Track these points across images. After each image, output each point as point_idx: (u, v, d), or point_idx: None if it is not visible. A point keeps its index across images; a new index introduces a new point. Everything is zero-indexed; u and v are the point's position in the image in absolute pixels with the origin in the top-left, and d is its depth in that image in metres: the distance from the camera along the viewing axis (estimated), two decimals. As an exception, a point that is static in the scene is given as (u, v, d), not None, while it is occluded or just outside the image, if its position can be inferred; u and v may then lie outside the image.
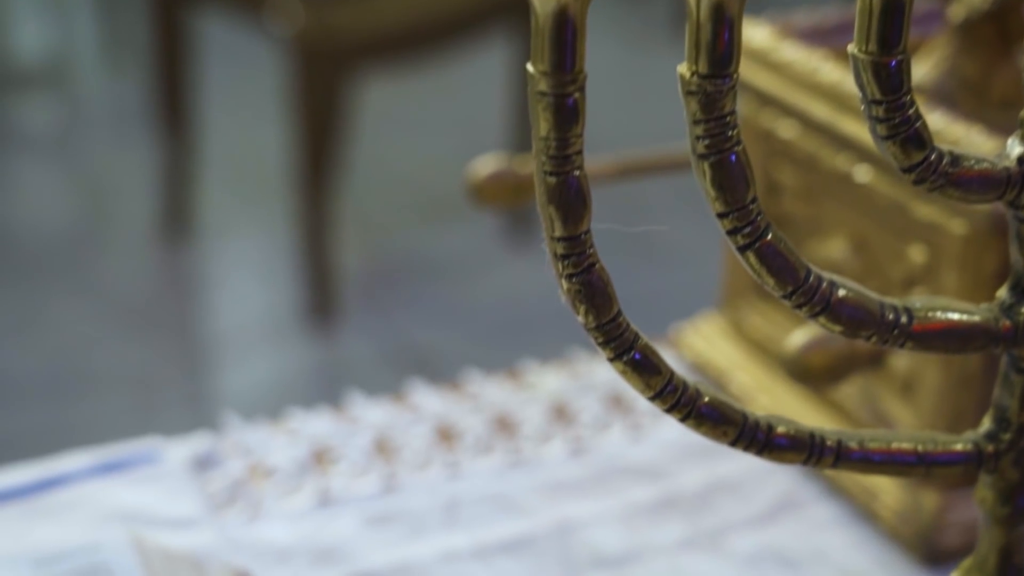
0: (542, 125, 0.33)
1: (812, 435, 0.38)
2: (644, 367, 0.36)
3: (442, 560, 0.55)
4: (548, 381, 0.66)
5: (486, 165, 0.60)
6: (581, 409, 0.64)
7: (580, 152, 0.34)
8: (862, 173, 0.56)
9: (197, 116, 2.11)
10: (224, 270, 2.08)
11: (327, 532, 0.56)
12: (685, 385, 0.37)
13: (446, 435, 0.62)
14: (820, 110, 0.57)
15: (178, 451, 0.60)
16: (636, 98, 2.38)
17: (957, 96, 0.55)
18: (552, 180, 0.34)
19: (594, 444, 0.62)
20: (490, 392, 0.65)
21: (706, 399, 0.37)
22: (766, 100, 0.60)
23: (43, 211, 2.22)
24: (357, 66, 1.85)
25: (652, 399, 0.36)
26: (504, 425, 0.63)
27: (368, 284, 2.04)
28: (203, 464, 0.60)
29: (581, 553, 0.55)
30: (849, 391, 0.58)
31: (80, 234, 2.14)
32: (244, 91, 2.49)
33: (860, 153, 0.56)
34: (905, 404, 0.56)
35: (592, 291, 0.35)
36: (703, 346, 0.66)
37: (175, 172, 2.10)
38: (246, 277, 2.06)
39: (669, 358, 0.67)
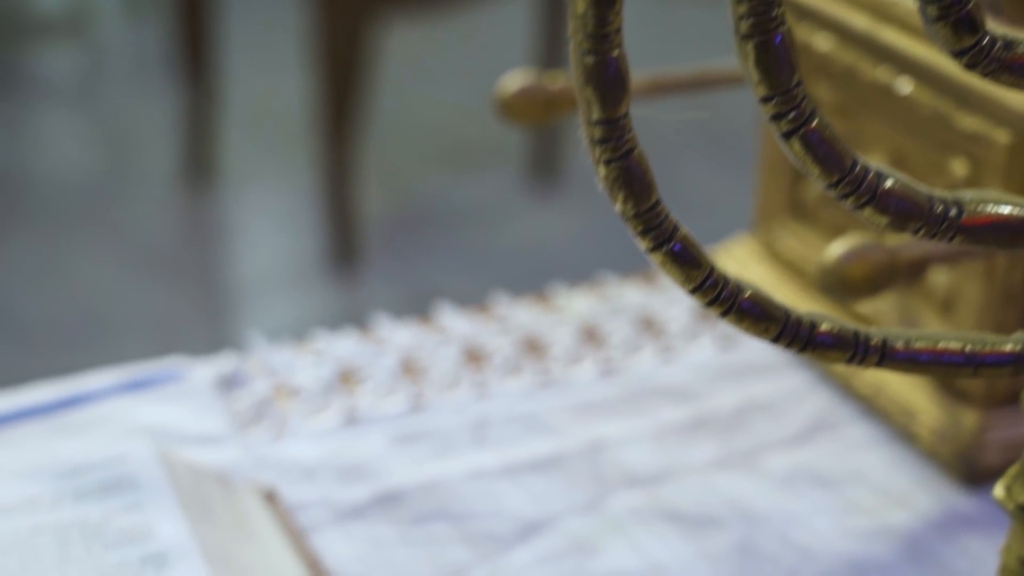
0: (579, 2, 0.32)
1: (856, 333, 0.37)
2: (684, 259, 0.35)
3: (471, 478, 0.54)
4: (577, 304, 0.65)
5: (515, 80, 0.59)
6: (611, 331, 0.63)
7: (619, 31, 0.32)
8: (903, 85, 0.54)
9: (219, 63, 2.10)
10: (247, 217, 2.07)
11: (354, 450, 0.55)
12: (726, 279, 0.36)
13: (474, 356, 0.61)
14: (859, 21, 0.55)
15: (203, 371, 0.59)
16: (662, 56, 2.35)
17: (1004, 4, 0.54)
18: (590, 60, 0.33)
19: (625, 366, 0.61)
20: (518, 315, 0.64)
21: (747, 294, 0.36)
22: (803, 14, 0.59)
23: (66, 159, 2.22)
24: (380, 12, 1.83)
25: (692, 292, 0.35)
26: (533, 347, 0.62)
27: (391, 231, 2.03)
28: (228, 383, 0.59)
29: (612, 472, 0.55)
30: (886, 310, 0.57)
31: (103, 181, 2.13)
32: (266, 37, 2.47)
33: (901, 64, 0.54)
34: (944, 321, 0.54)
35: (631, 177, 0.34)
36: (735, 269, 0.65)
37: (197, 119, 2.09)
38: (269, 224, 2.06)
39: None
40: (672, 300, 0.65)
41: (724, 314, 0.36)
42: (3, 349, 1.73)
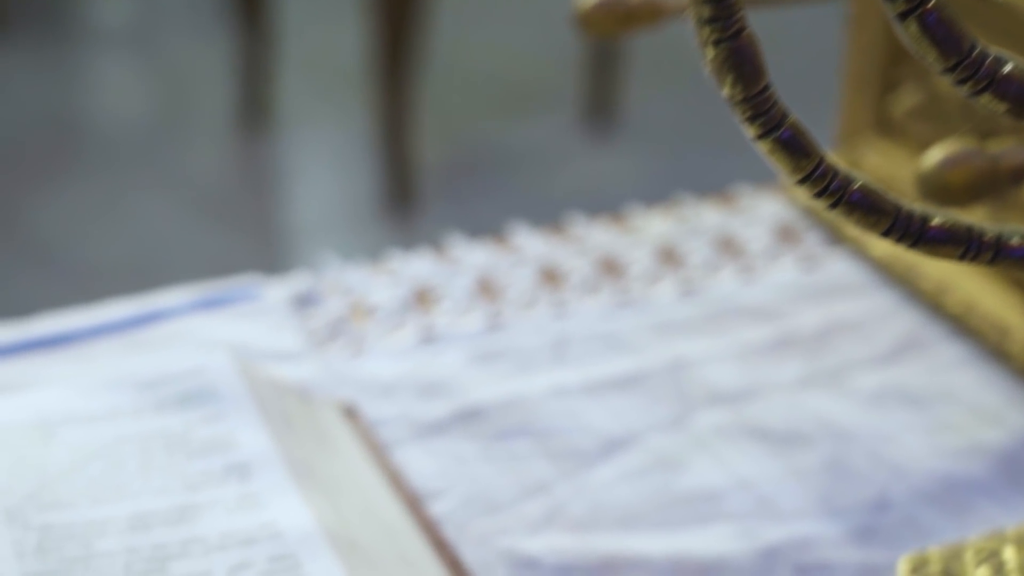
0: None
1: (970, 228, 0.35)
2: (793, 146, 0.33)
3: (552, 395, 0.53)
4: (654, 225, 0.64)
5: (594, -7, 0.58)
6: (690, 252, 0.62)
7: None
8: (999, -9, 0.52)
9: (274, 6, 2.09)
10: (302, 161, 2.06)
11: (432, 368, 0.55)
12: (836, 170, 0.34)
13: (551, 276, 0.60)
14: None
15: (277, 290, 0.59)
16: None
17: None
18: (700, -65, 0.31)
19: (705, 286, 0.60)
20: (595, 235, 0.63)
21: (858, 185, 0.34)
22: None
23: (122, 103, 2.22)
24: (436, -49, 1.81)
25: (800, 182, 0.34)
26: (610, 267, 0.61)
27: (447, 175, 2.02)
28: (303, 302, 0.58)
29: (696, 389, 0.53)
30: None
31: (159, 125, 2.13)
32: (320, -19, 2.46)
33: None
34: (1041, 236, 0.53)
35: (740, 59, 0.32)
36: (817, 189, 0.63)
37: (253, 63, 2.08)
38: (324, 168, 2.05)
39: (778, 205, 0.64)
40: (752, 220, 0.63)
41: (833, 206, 0.35)
42: (60, 290, 1.73)
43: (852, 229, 0.61)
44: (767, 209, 0.64)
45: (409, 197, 1.92)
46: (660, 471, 0.50)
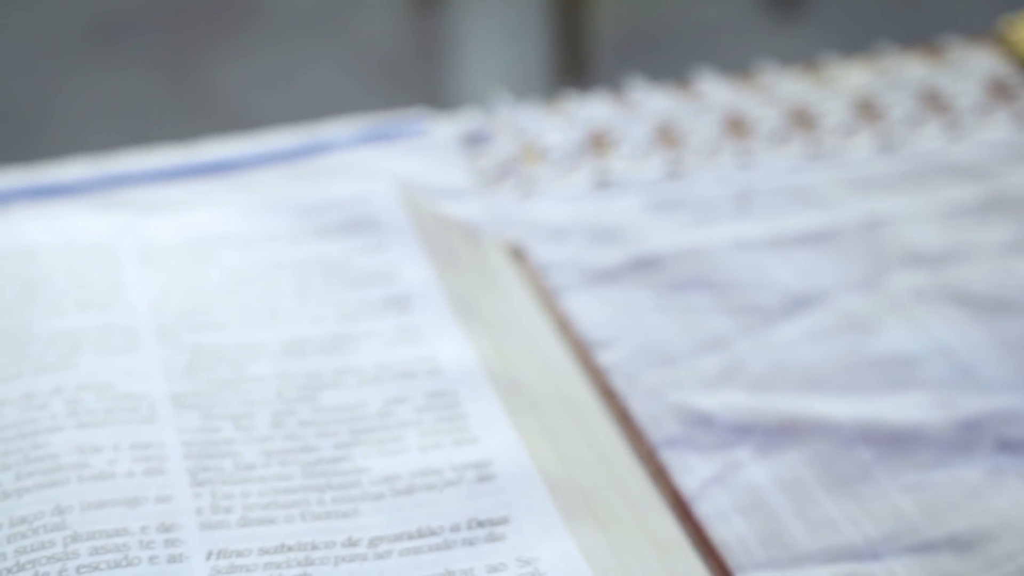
0: None
1: None
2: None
3: (733, 247, 0.49)
4: (852, 76, 0.59)
5: None
6: (890, 105, 0.57)
7: None
8: None
9: None
10: (477, 32, 2.03)
11: (606, 214, 0.51)
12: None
13: (736, 125, 0.56)
14: None
15: (446, 127, 0.56)
16: None
17: None
18: None
19: (906, 141, 0.55)
20: (785, 85, 0.58)
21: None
22: None
23: (297, -32, 2.21)
24: None
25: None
26: (802, 118, 0.56)
27: (622, 51, 1.96)
28: (473, 140, 0.55)
29: (891, 249, 0.49)
30: None
31: (334, -9, 2.11)
32: None
33: None
34: None
35: None
36: (1037, 43, 0.58)
37: (429, -71, 2.04)
38: (499, 40, 2.02)
39: (991, 59, 0.59)
40: (961, 75, 0.58)
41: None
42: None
43: (1075, 87, 0.55)
44: (979, 63, 0.59)
45: (582, 72, 1.88)
46: (850, 332, 0.46)
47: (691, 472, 0.41)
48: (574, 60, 1.87)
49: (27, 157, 1.74)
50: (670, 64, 1.91)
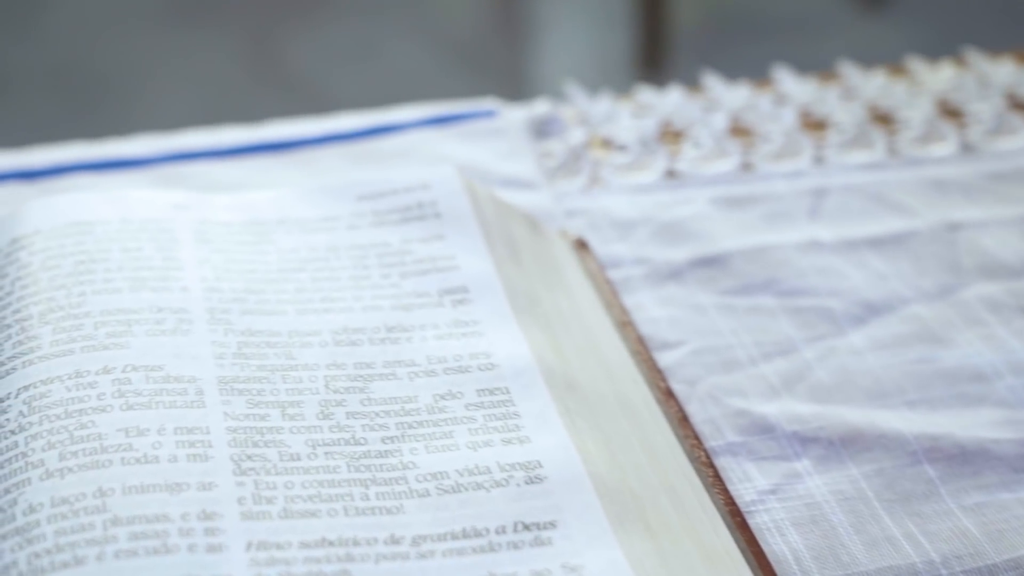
0: None
1: None
2: None
3: (803, 249, 0.48)
4: (938, 78, 0.57)
5: None
6: (976, 110, 0.55)
7: None
8: None
9: None
10: (557, 14, 2.02)
11: (673, 210, 0.50)
12: None
13: (814, 124, 0.55)
14: None
15: (515, 114, 0.55)
16: None
17: None
18: None
19: (991, 147, 0.53)
20: (867, 85, 0.57)
21: None
22: None
23: (381, -56, 2.20)
24: None
25: None
26: (882, 119, 0.55)
27: (701, 39, 1.94)
28: (541, 129, 0.54)
29: (970, 259, 0.47)
30: None
31: (416, -31, 2.11)
32: None
33: None
34: None
35: None
36: None
37: (514, -91, 2.03)
38: (580, 23, 2.00)
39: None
40: (1050, 80, 0.56)
41: None
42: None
43: None
44: (1070, 68, 0.57)
45: (661, 60, 1.86)
46: (921, 344, 0.44)
47: (748, 481, 0.39)
48: (654, 46, 1.85)
49: (108, 121, 1.75)
50: (752, 54, 1.88)
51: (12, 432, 0.35)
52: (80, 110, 1.79)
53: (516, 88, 1.86)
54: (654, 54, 1.85)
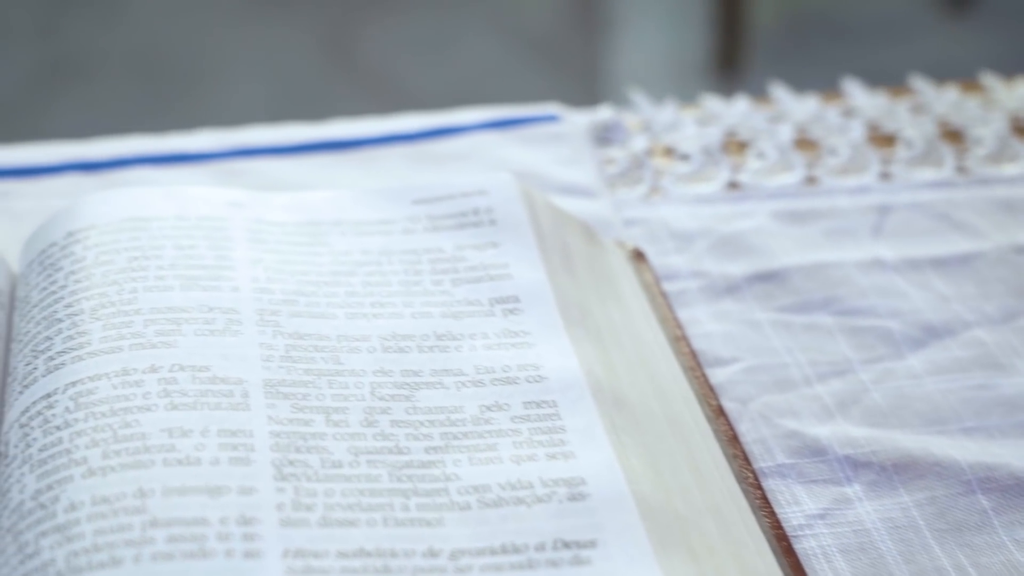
0: None
1: None
2: None
3: (864, 267, 0.47)
4: (1013, 95, 0.56)
5: None
6: (1050, 128, 0.54)
7: None
8: None
9: None
10: (634, 12, 2.01)
11: (734, 223, 0.49)
12: None
13: (882, 139, 0.54)
14: None
15: (578, 120, 0.54)
16: None
17: None
18: None
19: (1062, 168, 0.52)
20: (938, 101, 0.55)
21: None
22: None
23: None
24: None
25: None
26: (953, 136, 0.54)
27: (780, 41, 1.92)
28: (603, 137, 0.53)
29: (1036, 283, 0.46)
30: None
31: (494, -38, 2.11)
32: None
33: None
34: None
35: None
36: None
37: (595, -95, 2.02)
38: (657, 21, 1.99)
39: None
40: None
41: None
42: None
43: None
44: None
45: (737, 60, 1.84)
46: (981, 370, 0.43)
47: (796, 505, 0.39)
48: (732, 46, 1.84)
49: (182, 109, 1.77)
50: (831, 56, 1.86)
51: (58, 428, 0.36)
52: (157, 97, 1.80)
53: (591, 86, 1.86)
54: (731, 54, 1.84)
